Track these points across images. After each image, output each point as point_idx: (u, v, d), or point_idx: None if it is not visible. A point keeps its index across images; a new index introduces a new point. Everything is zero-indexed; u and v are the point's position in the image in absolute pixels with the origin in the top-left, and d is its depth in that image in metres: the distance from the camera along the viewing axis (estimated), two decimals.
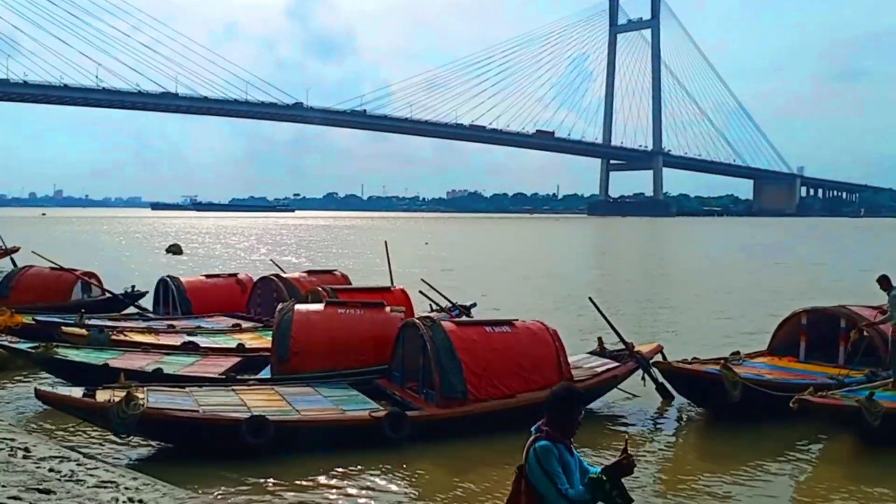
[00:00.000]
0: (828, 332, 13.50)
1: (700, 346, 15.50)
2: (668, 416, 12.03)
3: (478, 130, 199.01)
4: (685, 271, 42.70)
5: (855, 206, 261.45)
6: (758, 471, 9.52)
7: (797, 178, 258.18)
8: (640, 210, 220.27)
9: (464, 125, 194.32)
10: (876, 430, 9.74)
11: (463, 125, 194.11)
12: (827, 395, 10.30)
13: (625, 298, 28.25)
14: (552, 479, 4.08)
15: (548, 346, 11.35)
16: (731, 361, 12.25)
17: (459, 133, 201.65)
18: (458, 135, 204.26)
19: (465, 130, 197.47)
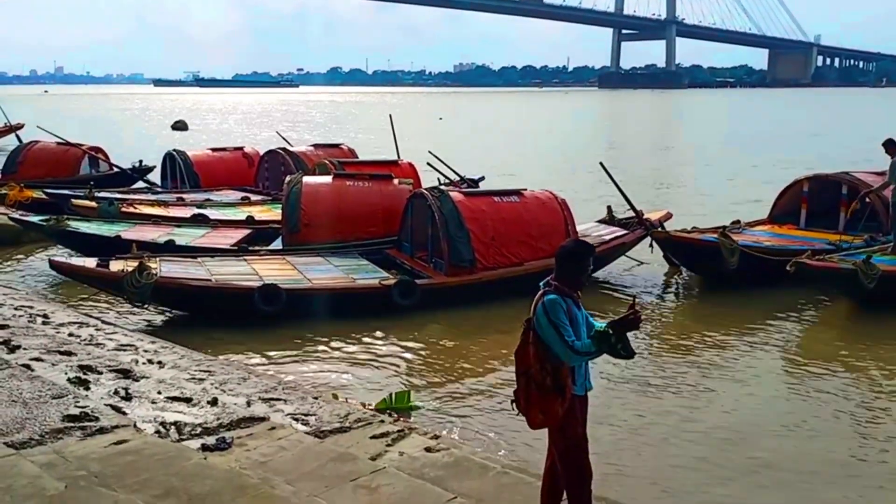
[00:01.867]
0: (829, 199, 13.43)
1: (708, 215, 15.46)
2: (674, 283, 12.20)
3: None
4: (695, 143, 42.17)
5: (871, 75, 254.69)
6: (754, 332, 9.72)
7: (813, 46, 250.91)
8: (651, 82, 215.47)
9: None
10: (871, 293, 9.84)
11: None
12: (824, 258, 10.36)
13: (635, 170, 27.98)
14: (559, 331, 4.12)
15: (556, 214, 11.35)
16: (731, 230, 12.28)
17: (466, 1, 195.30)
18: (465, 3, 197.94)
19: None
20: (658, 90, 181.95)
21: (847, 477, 6.12)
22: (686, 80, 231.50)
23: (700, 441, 6.73)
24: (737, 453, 6.48)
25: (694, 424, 7.06)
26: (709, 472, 6.17)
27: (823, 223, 13.24)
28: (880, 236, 12.06)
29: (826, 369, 8.46)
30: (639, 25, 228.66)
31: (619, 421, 7.08)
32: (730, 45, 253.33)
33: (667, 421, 7.13)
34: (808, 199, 13.57)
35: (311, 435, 5.86)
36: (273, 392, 6.81)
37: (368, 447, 5.65)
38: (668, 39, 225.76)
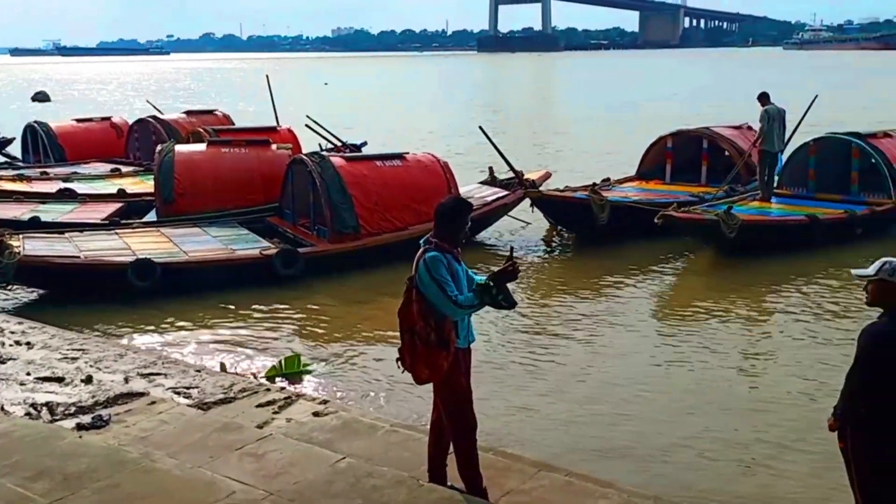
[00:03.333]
0: (692, 154, 14.10)
1: (584, 174, 15.89)
2: (553, 240, 12.48)
3: None
4: (573, 104, 43.19)
5: (735, 35, 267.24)
6: (628, 282, 10.13)
7: (681, 9, 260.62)
8: (529, 45, 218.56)
9: None
10: (732, 241, 10.43)
11: None
12: (689, 210, 10.91)
13: (517, 132, 28.47)
14: (442, 286, 4.17)
15: (439, 177, 11.38)
16: (601, 187, 12.72)
17: None
18: None
19: None
20: (536, 53, 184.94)
21: (721, 410, 6.50)
22: (562, 42, 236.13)
23: (583, 389, 6.98)
24: (614, 397, 6.76)
25: (575, 373, 7.31)
26: (593, 418, 6.40)
27: (687, 177, 13.89)
28: (739, 187, 12.77)
29: (694, 313, 8.91)
30: None
31: (503, 371, 7.27)
32: (603, 8, 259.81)
33: (549, 369, 7.36)
34: (673, 154, 14.16)
35: (194, 407, 5.72)
36: (152, 367, 6.60)
37: (255, 416, 5.58)
38: (544, 3, 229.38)
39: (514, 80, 76.93)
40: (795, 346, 7.92)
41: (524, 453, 5.30)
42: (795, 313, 8.83)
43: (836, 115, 25.38)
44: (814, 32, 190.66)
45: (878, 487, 4.00)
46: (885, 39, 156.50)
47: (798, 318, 8.69)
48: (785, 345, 7.96)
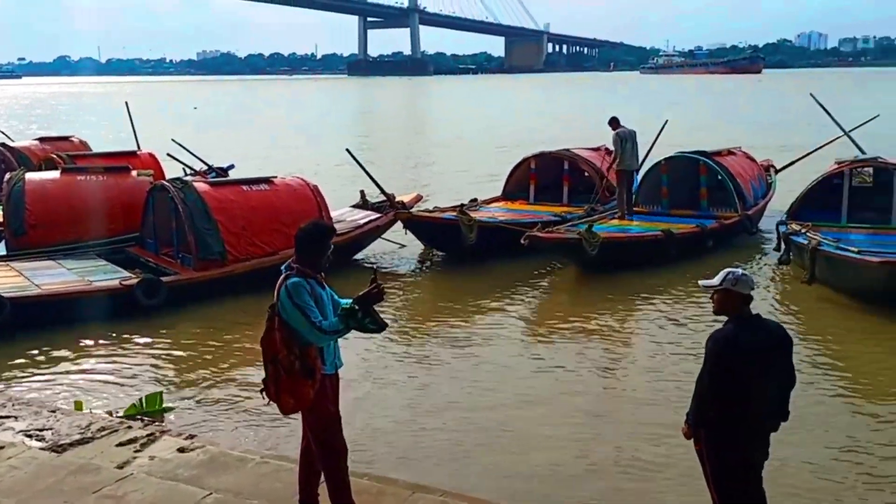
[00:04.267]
0: (554, 175, 14.66)
1: (453, 195, 16.15)
2: (426, 261, 12.59)
3: None
4: (443, 128, 43.84)
5: (595, 60, 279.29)
6: (495, 301, 10.32)
7: (544, 34, 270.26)
8: (399, 69, 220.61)
9: None
10: (594, 258, 10.89)
11: None
12: (553, 230, 11.34)
13: (389, 154, 28.62)
14: (305, 313, 4.13)
15: (309, 201, 11.29)
16: (469, 207, 12.98)
17: None
18: None
19: None
20: (406, 77, 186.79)
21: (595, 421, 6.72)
22: (431, 67, 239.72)
23: (457, 409, 7.05)
24: (489, 415, 6.87)
25: (448, 393, 7.38)
26: (468, 437, 6.46)
27: (550, 197, 14.42)
28: (599, 206, 13.35)
29: (561, 328, 9.20)
30: (383, 13, 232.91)
31: (374, 393, 7.25)
32: (470, 33, 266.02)
33: (422, 390, 7.41)
34: (536, 175, 14.67)
35: (48, 450, 5.41)
36: (1, 410, 6.18)
37: (114, 455, 5.33)
38: (412, 27, 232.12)
39: (386, 103, 77.35)
40: (654, 355, 8.29)
41: (399, 476, 5.30)
42: (653, 324, 9.27)
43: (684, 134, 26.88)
44: (667, 58, 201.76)
45: (730, 485, 4.26)
46: (731, 64, 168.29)
47: (656, 328, 9.12)
48: (645, 355, 8.33)
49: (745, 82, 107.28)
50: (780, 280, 11.05)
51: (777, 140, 27.04)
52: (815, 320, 9.35)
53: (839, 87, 71.40)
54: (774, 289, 10.73)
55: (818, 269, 9.96)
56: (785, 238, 11.01)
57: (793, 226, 11.19)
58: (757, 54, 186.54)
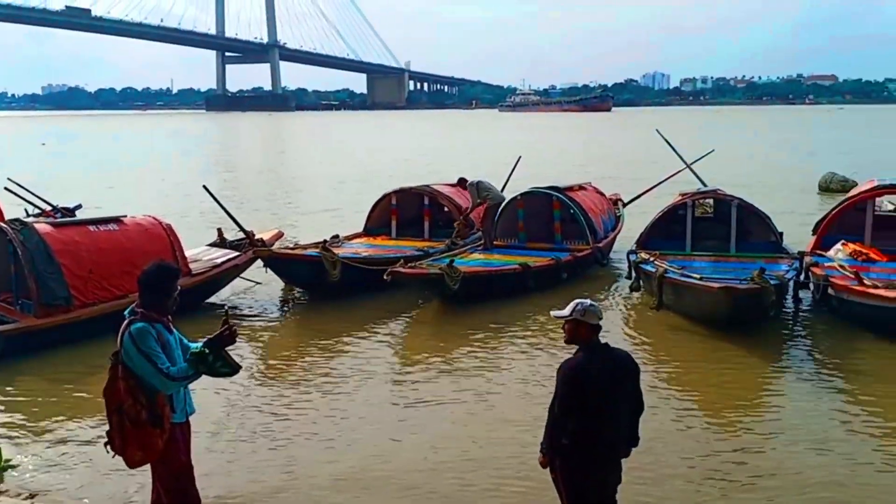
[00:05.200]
0: (415, 210, 14.85)
1: (315, 232, 16.00)
2: (288, 300, 12.34)
3: (75, 16, 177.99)
4: (305, 164, 43.46)
5: (456, 97, 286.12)
6: (359, 338, 10.21)
7: (405, 72, 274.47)
8: (259, 104, 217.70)
9: (53, 10, 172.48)
10: (456, 292, 11.06)
11: (51, 10, 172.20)
12: (415, 265, 11.44)
13: (249, 191, 28.10)
14: (151, 359, 3.96)
15: (161, 240, 10.87)
16: (331, 244, 12.86)
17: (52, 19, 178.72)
18: (50, 21, 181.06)
19: (58, 16, 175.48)
20: (266, 112, 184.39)
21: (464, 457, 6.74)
22: (293, 102, 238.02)
23: (317, 450, 6.91)
24: (351, 455, 6.77)
25: (309, 435, 7.21)
26: (328, 481, 6.33)
27: (412, 232, 14.56)
28: (459, 240, 13.60)
29: (424, 363, 9.22)
30: (242, 49, 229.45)
31: (230, 440, 7.00)
32: (332, 70, 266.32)
33: (280, 433, 7.20)
34: (398, 210, 14.77)
35: None
36: None
37: None
38: (272, 63, 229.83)
39: (245, 139, 75.99)
40: (513, 385, 8.44)
41: None
42: (513, 354, 9.46)
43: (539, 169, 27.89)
44: (524, 96, 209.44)
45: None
46: (583, 102, 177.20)
47: (513, 359, 9.30)
48: (506, 386, 8.46)
49: (596, 119, 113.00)
50: (632, 307, 11.57)
51: (624, 174, 28.54)
52: (663, 345, 9.81)
53: (681, 124, 76.35)
54: (626, 316, 11.23)
55: (665, 295, 10.49)
56: (635, 267, 11.55)
57: (642, 255, 11.76)
58: (606, 93, 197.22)
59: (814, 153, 41.77)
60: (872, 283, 9.74)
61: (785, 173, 31.14)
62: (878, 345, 9.38)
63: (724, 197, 13.12)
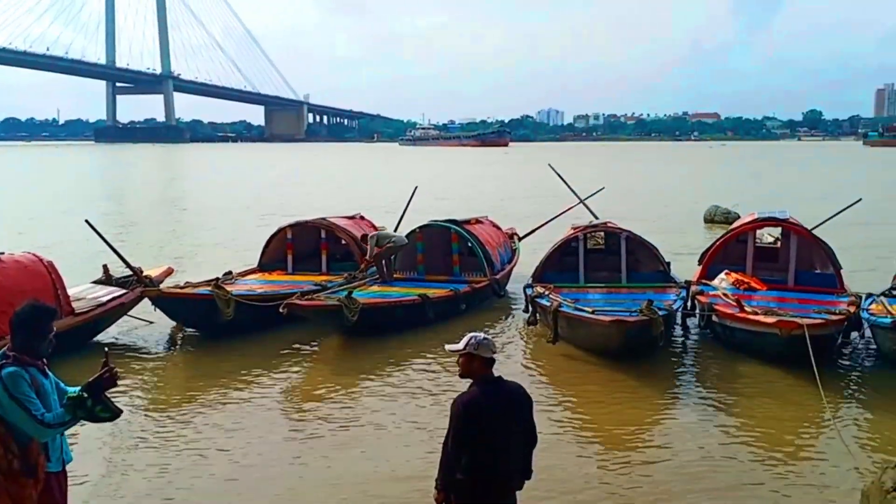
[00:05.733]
0: (312, 244, 14.67)
1: (208, 268, 15.58)
2: (178, 340, 11.83)
3: None
4: (198, 197, 42.38)
5: (356, 131, 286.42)
6: (255, 377, 9.92)
7: (304, 105, 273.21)
8: (152, 136, 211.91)
9: None
10: (355, 324, 10.97)
11: None
12: (312, 297, 11.29)
13: (137, 226, 27.15)
14: (24, 406, 3.72)
15: (42, 278, 10.37)
16: (224, 281, 12.54)
17: None
18: None
19: None
20: (160, 144, 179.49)
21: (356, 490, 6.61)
22: (188, 134, 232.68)
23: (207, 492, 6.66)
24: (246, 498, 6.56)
25: (195, 481, 6.95)
26: None
27: (309, 266, 14.34)
28: (358, 274, 13.51)
29: (323, 399, 9.06)
30: (134, 79, 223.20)
31: (113, 490, 6.67)
32: (229, 101, 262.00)
33: (164, 480, 6.90)
34: (293, 244, 14.52)
35: None
36: None
37: None
38: (166, 94, 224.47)
39: (135, 171, 73.45)
40: (410, 420, 8.39)
41: None
42: (409, 389, 9.39)
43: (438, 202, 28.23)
44: (424, 130, 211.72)
45: None
46: (482, 137, 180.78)
47: (412, 393, 9.24)
48: (403, 421, 8.39)
49: (494, 154, 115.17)
50: (528, 339, 11.74)
51: (520, 208, 29.14)
52: (560, 376, 9.97)
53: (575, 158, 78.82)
54: (523, 349, 11.37)
55: (560, 328, 10.68)
56: (531, 301, 11.74)
57: (538, 288, 11.98)
58: (504, 129, 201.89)
59: (699, 187, 43.78)
60: (753, 311, 10.23)
61: (672, 206, 32.50)
62: (759, 368, 9.83)
63: (614, 230, 13.56)
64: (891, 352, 9.78)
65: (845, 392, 9.24)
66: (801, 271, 12.53)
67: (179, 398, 9.22)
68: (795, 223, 13.01)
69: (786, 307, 10.67)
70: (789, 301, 11.31)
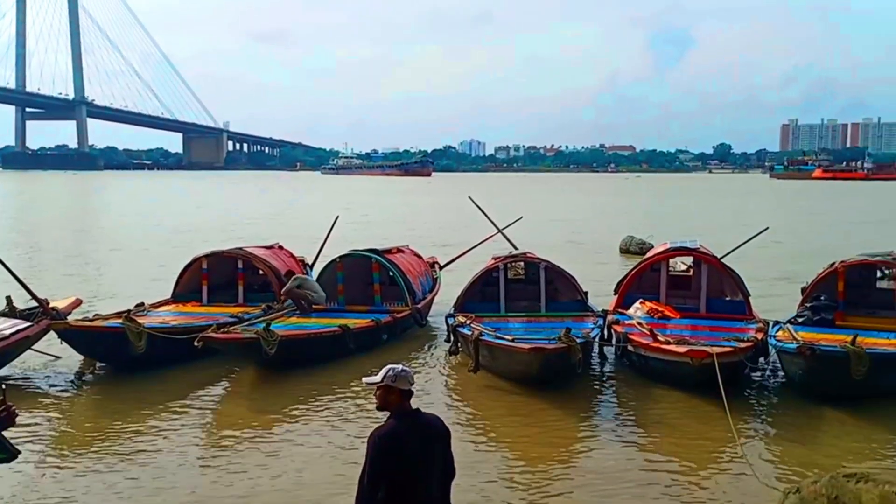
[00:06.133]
0: (229, 274, 14.36)
1: (120, 299, 15.07)
2: (88, 374, 11.29)
3: None
4: (110, 226, 41.10)
5: (277, 159, 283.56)
6: (165, 411, 9.60)
7: (224, 132, 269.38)
8: (63, 164, 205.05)
9: None
10: (274, 357, 10.75)
11: None
12: (229, 330, 11.01)
13: (45, 255, 26.11)
14: None
15: None
16: (136, 313, 12.11)
17: None
18: None
19: None
20: (72, 172, 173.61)
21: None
22: (101, 161, 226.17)
23: None
24: None
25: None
26: None
27: (225, 297, 14.01)
28: (275, 305, 13.27)
29: (238, 435, 8.83)
30: (45, 104, 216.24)
31: None
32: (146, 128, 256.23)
33: None
34: (209, 275, 14.16)
35: None
36: None
37: None
38: (79, 120, 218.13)
39: (44, 199, 70.73)
40: (328, 454, 8.26)
41: None
42: (328, 423, 9.24)
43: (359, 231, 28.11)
44: (346, 159, 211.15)
45: None
46: (405, 167, 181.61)
47: (331, 427, 9.10)
48: (321, 455, 8.25)
49: (416, 183, 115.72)
50: (450, 368, 11.73)
51: (442, 237, 29.29)
52: (481, 405, 10.00)
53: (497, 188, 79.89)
54: (444, 379, 11.34)
55: (482, 357, 10.73)
56: (453, 330, 11.79)
57: (459, 318, 12.02)
58: (427, 158, 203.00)
59: (615, 217, 44.89)
60: (666, 340, 10.49)
61: (590, 236, 33.21)
62: (672, 395, 10.08)
63: (534, 260, 13.75)
64: (796, 376, 10.17)
65: (753, 416, 9.55)
66: (713, 298, 12.94)
67: (87, 436, 8.82)
68: (706, 252, 13.45)
69: (698, 335, 10.98)
70: (701, 329, 11.65)
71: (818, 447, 8.55)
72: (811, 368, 9.63)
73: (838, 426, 9.15)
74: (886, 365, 9.75)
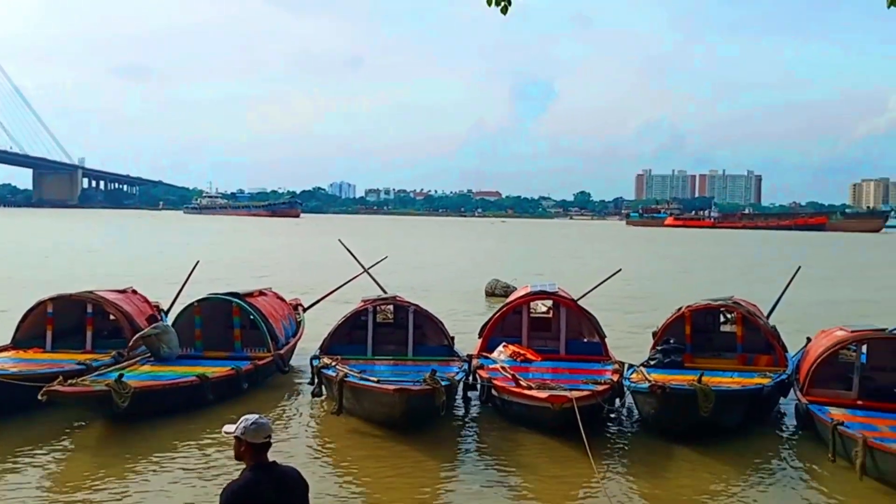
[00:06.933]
0: (76, 319, 13.54)
1: None
2: None
3: None
4: None
5: (136, 198, 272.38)
6: (2, 469, 8.90)
7: (79, 169, 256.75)
8: None
9: None
10: (127, 410, 10.13)
11: None
12: (77, 381, 10.28)
13: None
14: None
15: None
16: None
17: None
18: None
19: None
20: None
21: None
22: None
23: None
24: None
25: None
26: None
27: (71, 343, 13.16)
28: (126, 352, 12.56)
29: (82, 499, 8.25)
30: None
31: None
32: None
33: None
34: (54, 320, 13.29)
35: None
36: None
37: None
38: None
39: None
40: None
41: None
42: (183, 478, 8.79)
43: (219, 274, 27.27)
44: (210, 199, 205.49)
45: None
46: (272, 207, 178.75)
47: (186, 482, 8.66)
48: None
49: (284, 224, 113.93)
50: (313, 414, 11.49)
51: (307, 278, 28.83)
52: (342, 452, 9.80)
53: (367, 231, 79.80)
54: (307, 425, 11.09)
55: (346, 399, 10.60)
56: (317, 372, 11.60)
57: (324, 360, 11.83)
58: (295, 199, 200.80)
59: (481, 261, 45.73)
60: (527, 384, 10.71)
61: (458, 279, 33.60)
62: (534, 438, 10.27)
63: (403, 303, 13.74)
64: (649, 416, 10.61)
65: (611, 455, 9.88)
66: (571, 340, 13.36)
67: None
68: (564, 295, 13.89)
69: (558, 378, 11.28)
70: (561, 371, 11.98)
71: (670, 481, 8.99)
72: (662, 406, 10.09)
73: (688, 463, 9.61)
74: (730, 401, 10.38)
